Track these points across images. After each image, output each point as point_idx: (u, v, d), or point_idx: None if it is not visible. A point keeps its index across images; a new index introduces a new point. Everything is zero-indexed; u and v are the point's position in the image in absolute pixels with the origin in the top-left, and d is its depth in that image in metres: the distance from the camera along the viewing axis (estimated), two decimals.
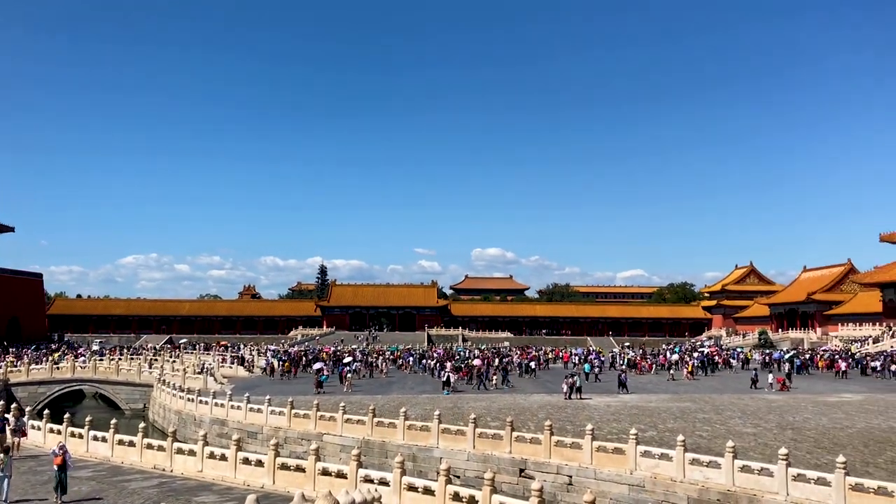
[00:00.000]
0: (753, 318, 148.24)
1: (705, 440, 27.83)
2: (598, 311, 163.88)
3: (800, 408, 38.34)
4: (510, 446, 26.07)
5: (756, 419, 33.88)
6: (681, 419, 33.89)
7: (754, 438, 28.42)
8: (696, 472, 21.52)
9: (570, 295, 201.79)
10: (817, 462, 23.31)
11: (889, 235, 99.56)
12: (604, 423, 32.21)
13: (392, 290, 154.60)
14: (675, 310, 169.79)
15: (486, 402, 40.84)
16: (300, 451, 30.64)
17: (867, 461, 23.82)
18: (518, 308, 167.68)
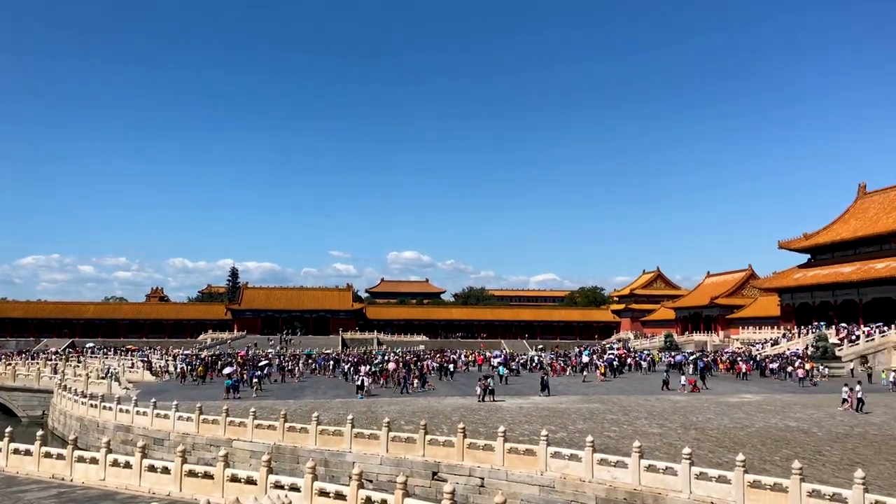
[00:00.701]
0: (660, 322, 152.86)
1: (613, 440, 28.49)
2: (512, 315, 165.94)
3: (703, 408, 39.72)
4: (423, 449, 26.08)
5: (662, 420, 34.91)
6: (590, 420, 34.61)
7: (660, 438, 29.26)
8: (605, 472, 21.99)
9: (486, 298, 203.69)
10: (719, 460, 24.16)
11: (787, 242, 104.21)
12: (516, 425, 32.60)
13: (306, 293, 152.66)
14: (586, 313, 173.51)
15: (400, 405, 40.77)
16: (209, 457, 29.91)
17: (765, 459, 24.83)
18: (434, 311, 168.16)
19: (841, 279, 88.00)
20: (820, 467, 23.32)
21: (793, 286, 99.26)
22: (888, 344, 74.50)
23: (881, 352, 74.03)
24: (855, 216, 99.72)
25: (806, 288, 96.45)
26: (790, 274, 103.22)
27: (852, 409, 38.65)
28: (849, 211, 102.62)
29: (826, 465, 23.82)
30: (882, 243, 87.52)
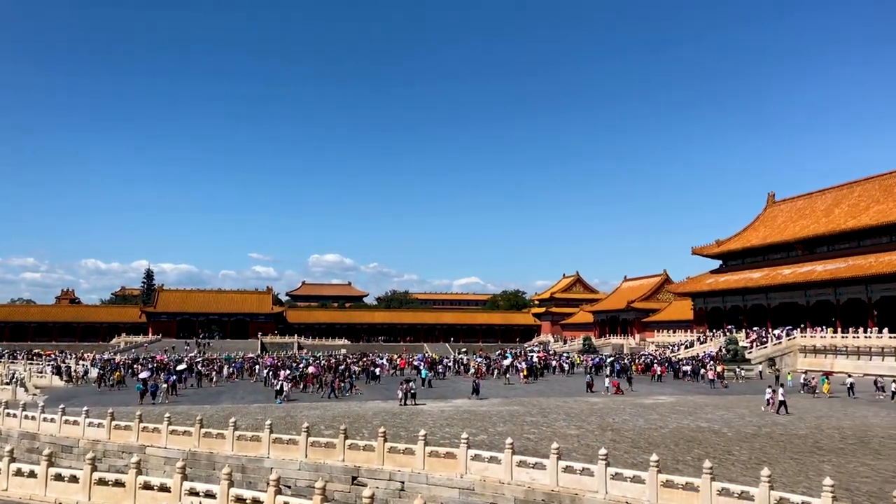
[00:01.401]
0: (579, 325, 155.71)
1: (533, 442, 28.83)
2: (434, 318, 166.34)
3: (619, 410, 40.61)
4: (343, 454, 25.86)
5: (580, 421, 35.54)
6: (511, 422, 34.95)
7: (578, 440, 29.77)
8: (523, 474, 22.23)
9: (409, 302, 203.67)
10: (634, 461, 24.72)
11: (700, 249, 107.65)
12: (437, 429, 32.67)
13: (224, 295, 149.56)
14: (508, 316, 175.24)
15: (320, 410, 40.36)
16: (121, 464, 28.93)
17: (678, 459, 25.54)
18: (356, 315, 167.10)
19: (751, 284, 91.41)
20: (730, 466, 24.11)
21: (705, 291, 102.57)
22: (794, 347, 77.82)
23: (788, 354, 77.28)
24: (764, 224, 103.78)
25: (718, 293, 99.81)
26: (703, 279, 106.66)
27: (774, 409, 40.00)
28: (759, 219, 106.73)
29: (735, 463, 24.65)
30: (789, 250, 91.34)
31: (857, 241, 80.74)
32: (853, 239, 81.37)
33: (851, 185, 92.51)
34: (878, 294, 73.88)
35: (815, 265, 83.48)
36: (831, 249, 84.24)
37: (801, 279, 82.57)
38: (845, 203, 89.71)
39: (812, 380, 52.87)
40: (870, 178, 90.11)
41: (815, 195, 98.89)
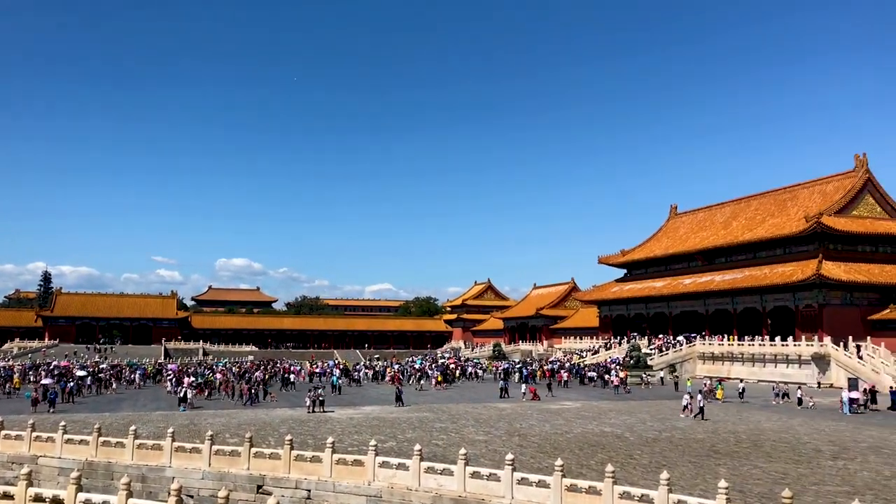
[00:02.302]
0: (490, 331, 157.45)
1: (441, 449, 28.94)
2: (345, 324, 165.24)
3: (527, 415, 41.22)
4: (248, 462, 25.35)
5: (488, 427, 35.90)
6: (420, 429, 35.00)
7: (486, 445, 30.06)
8: (431, 480, 22.28)
9: (319, 308, 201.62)
10: (539, 466, 25.12)
11: (606, 258, 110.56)
12: (346, 436, 32.43)
13: (126, 300, 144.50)
14: (420, 323, 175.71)
15: (225, 417, 39.47)
16: (10, 476, 27.55)
17: (582, 463, 26.10)
18: (264, 321, 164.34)
19: (653, 293, 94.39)
20: (631, 470, 24.80)
21: (610, 299, 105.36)
22: (693, 354, 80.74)
23: (687, 361, 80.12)
24: (667, 235, 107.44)
25: (622, 301, 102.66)
26: (608, 287, 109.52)
27: (691, 415, 41.24)
28: (662, 230, 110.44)
29: (637, 467, 25.37)
30: (689, 261, 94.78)
31: (754, 253, 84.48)
32: (750, 251, 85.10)
33: (749, 199, 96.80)
34: (771, 304, 77.44)
35: (714, 275, 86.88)
36: (729, 260, 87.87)
37: (700, 289, 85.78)
38: (743, 216, 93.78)
39: (705, 385, 54.90)
40: (765, 193, 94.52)
41: (715, 208, 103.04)
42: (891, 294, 72.42)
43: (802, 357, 67.90)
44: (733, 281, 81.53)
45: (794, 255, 77.71)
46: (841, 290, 71.96)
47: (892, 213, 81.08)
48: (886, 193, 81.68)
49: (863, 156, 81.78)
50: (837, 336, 67.46)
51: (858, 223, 77.11)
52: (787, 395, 51.87)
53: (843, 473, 24.51)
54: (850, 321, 70.98)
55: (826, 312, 71.42)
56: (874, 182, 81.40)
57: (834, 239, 75.65)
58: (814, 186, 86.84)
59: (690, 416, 41.05)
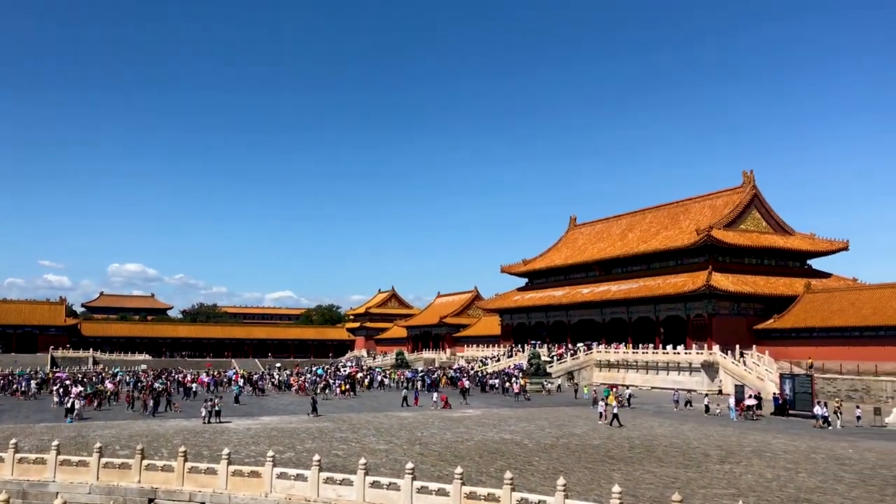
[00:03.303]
0: (393, 340, 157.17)
1: (341, 459, 28.63)
2: (244, 333, 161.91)
3: (428, 424, 41.28)
4: (139, 475, 24.40)
5: (389, 436, 35.76)
6: (319, 439, 34.54)
7: (386, 454, 29.92)
8: (330, 491, 22.01)
9: (217, 315, 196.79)
10: (440, 474, 25.17)
11: (508, 267, 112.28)
12: (242, 447, 31.67)
13: (9, 306, 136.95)
14: (321, 331, 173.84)
15: (115, 429, 37.90)
16: None
17: (482, 471, 26.30)
18: (158, 328, 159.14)
19: (553, 302, 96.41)
20: (529, 476, 25.15)
21: (512, 307, 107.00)
22: (591, 361, 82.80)
23: (585, 368, 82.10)
24: (567, 245, 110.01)
25: (523, 309, 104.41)
26: (510, 296, 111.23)
27: (607, 422, 42.03)
28: (562, 240, 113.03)
29: (535, 474, 25.76)
30: (588, 271, 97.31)
31: (648, 264, 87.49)
32: (645, 262, 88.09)
33: (644, 212, 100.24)
34: (664, 313, 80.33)
35: (611, 285, 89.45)
36: (625, 271, 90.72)
37: (598, 298, 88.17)
38: (638, 228, 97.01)
39: (594, 391, 56.41)
40: (659, 207, 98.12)
41: (612, 220, 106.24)
42: (774, 304, 76.32)
43: (693, 364, 70.65)
44: (629, 291, 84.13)
45: (686, 267, 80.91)
46: (729, 301, 75.36)
47: (777, 228, 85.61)
48: (771, 208, 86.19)
49: (750, 172, 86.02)
50: (725, 344, 70.62)
51: (746, 237, 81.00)
52: (691, 403, 53.40)
53: (729, 477, 25.57)
54: (737, 330, 74.40)
55: (715, 322, 74.61)
56: (760, 198, 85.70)
57: (723, 251, 79.20)
58: (705, 201, 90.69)
59: (604, 423, 41.96)
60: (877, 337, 63.89)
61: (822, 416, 42.32)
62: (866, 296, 70.47)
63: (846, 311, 68.96)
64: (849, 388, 58.43)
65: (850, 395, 57.26)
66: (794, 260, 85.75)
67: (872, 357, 62.09)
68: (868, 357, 62.39)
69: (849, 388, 58.43)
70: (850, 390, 58.04)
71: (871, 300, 68.66)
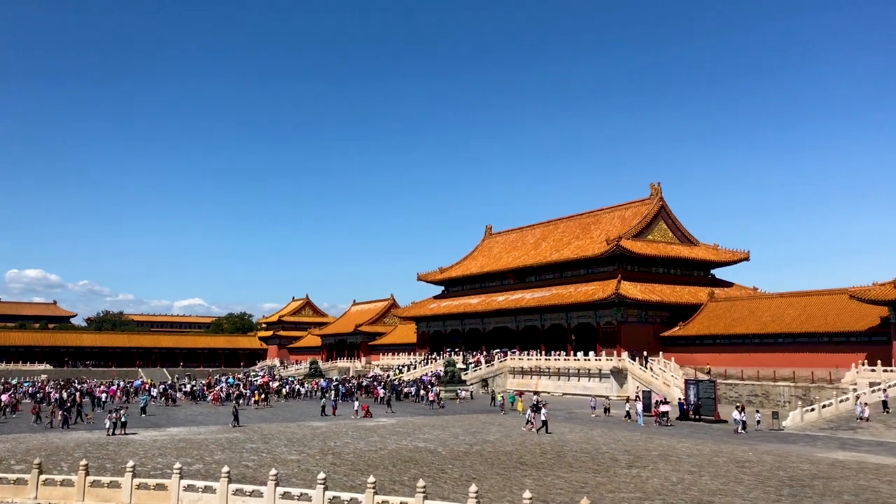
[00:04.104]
0: (307, 349, 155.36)
1: (251, 470, 28.11)
2: (151, 341, 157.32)
3: (341, 433, 40.95)
4: (36, 491, 23.35)
5: (301, 446, 35.30)
6: (229, 450, 33.82)
7: (298, 465, 29.53)
8: (240, 502, 21.56)
9: (124, 324, 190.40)
10: (352, 483, 25.01)
11: (425, 275, 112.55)
12: (148, 459, 30.72)
13: None
14: (233, 340, 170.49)
15: (10, 443, 36.17)
16: None
17: (395, 479, 26.25)
18: (61, 337, 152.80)
19: (469, 310, 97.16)
20: (443, 484, 25.26)
21: (428, 315, 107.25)
22: (504, 369, 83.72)
23: (499, 376, 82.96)
24: (483, 254, 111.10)
25: (439, 317, 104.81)
26: (426, 304, 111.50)
27: (535, 429, 42.33)
28: (478, 249, 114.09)
29: (448, 481, 25.88)
30: (503, 279, 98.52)
31: (561, 273, 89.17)
32: (557, 270, 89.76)
33: (556, 222, 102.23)
34: (576, 321, 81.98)
35: (525, 293, 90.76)
36: (539, 279, 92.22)
37: (512, 306, 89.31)
38: (552, 237, 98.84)
39: (501, 398, 57.11)
40: (572, 217, 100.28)
41: (527, 229, 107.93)
42: (680, 312, 78.91)
43: (603, 371, 72.32)
44: (542, 299, 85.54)
45: (597, 276, 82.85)
46: (637, 309, 77.53)
47: (683, 239, 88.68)
48: (677, 220, 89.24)
49: (658, 185, 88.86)
50: (634, 351, 72.64)
51: (653, 247, 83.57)
52: (609, 410, 54.30)
53: (636, 481, 26.29)
54: (645, 337, 76.59)
55: (624, 329, 76.59)
56: (667, 209, 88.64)
57: (632, 261, 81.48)
58: (614, 212, 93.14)
59: (534, 431, 42.35)
60: (775, 344, 66.80)
61: (741, 421, 43.80)
62: (765, 304, 73.66)
63: (747, 319, 71.90)
64: (749, 393, 60.89)
65: (750, 399, 59.68)
66: (699, 269, 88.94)
67: (771, 363, 64.87)
68: (767, 363, 65.15)
69: (749, 393, 60.89)
70: (751, 395, 60.50)
71: (769, 308, 71.79)
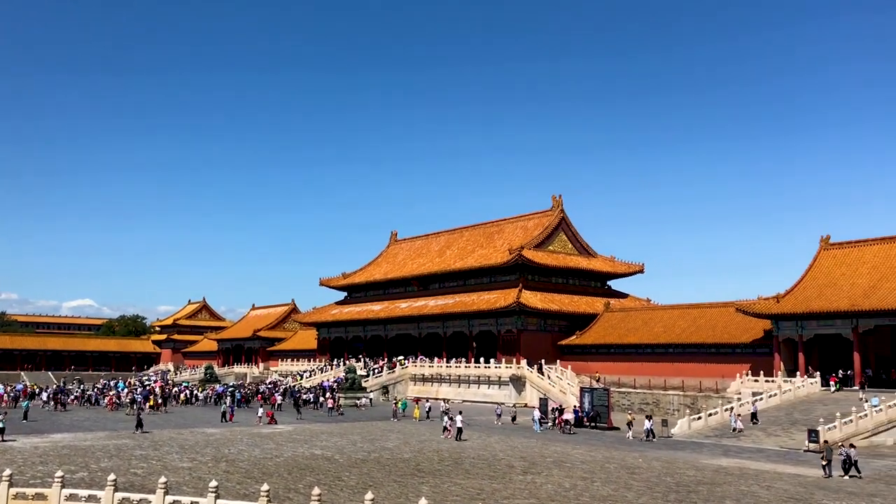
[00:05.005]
0: (203, 353, 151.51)
1: (140, 478, 27.14)
2: (36, 343, 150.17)
3: (236, 440, 40.02)
4: None
5: (194, 453, 34.32)
6: (117, 457, 32.55)
7: (190, 472, 28.69)
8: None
9: (6, 325, 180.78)
10: (246, 492, 24.48)
11: (327, 280, 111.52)
12: (28, 467, 29.20)
13: None
14: (125, 343, 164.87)
15: None
16: None
17: (290, 487, 25.84)
18: None
19: (371, 316, 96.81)
20: (339, 492, 25.04)
21: (329, 321, 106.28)
22: (406, 375, 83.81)
23: (400, 382, 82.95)
24: (387, 260, 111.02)
25: (341, 323, 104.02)
26: (328, 310, 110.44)
27: (452, 437, 42.19)
28: (382, 255, 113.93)
29: (344, 489, 25.67)
30: (406, 286, 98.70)
31: (464, 281, 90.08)
32: (461, 278, 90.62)
33: (461, 230, 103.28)
34: (477, 328, 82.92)
35: (428, 300, 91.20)
36: (443, 287, 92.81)
37: (415, 313, 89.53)
38: (456, 245, 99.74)
39: (394, 405, 57.22)
40: (476, 225, 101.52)
41: (432, 237, 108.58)
42: (578, 322, 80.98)
43: (502, 378, 73.37)
44: (445, 306, 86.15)
45: (499, 284, 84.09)
46: (537, 318, 79.11)
47: (581, 250, 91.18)
48: (577, 232, 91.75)
49: (559, 197, 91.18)
50: (533, 359, 73.99)
51: (553, 257, 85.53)
52: (515, 418, 54.78)
53: (530, 487, 26.75)
54: (544, 345, 78.20)
55: (524, 337, 77.96)
56: (567, 221, 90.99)
57: (533, 270, 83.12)
58: (517, 222, 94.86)
59: (450, 437, 42.34)
60: (666, 354, 69.40)
61: (648, 429, 45.03)
62: (658, 315, 76.43)
63: (640, 330, 74.40)
64: (641, 401, 62.94)
65: (641, 407, 61.65)
66: (596, 280, 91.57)
67: (662, 373, 67.33)
68: (659, 372, 67.59)
69: (641, 401, 62.94)
70: (643, 403, 62.54)
71: (661, 320, 74.53)
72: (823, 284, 61.18)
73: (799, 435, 42.63)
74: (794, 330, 59.41)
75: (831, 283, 60.87)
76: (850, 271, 61.20)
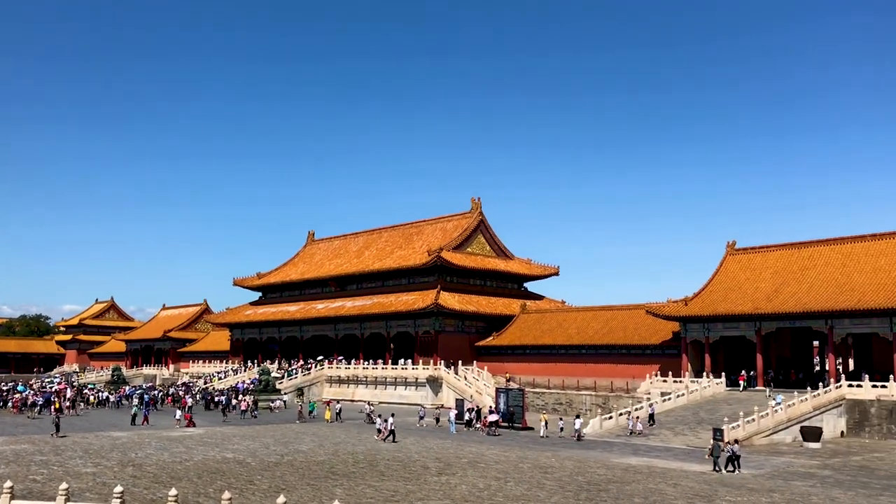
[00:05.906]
0: (110, 354, 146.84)
1: (40, 484, 26.00)
2: None
3: (144, 444, 38.80)
4: None
5: (98, 458, 33.11)
6: (14, 463, 31.10)
7: (94, 478, 27.66)
8: None
9: None
10: (153, 497, 23.76)
11: (241, 280, 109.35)
12: None
13: None
14: (26, 344, 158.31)
15: None
16: None
17: (199, 492, 25.20)
18: None
19: (287, 317, 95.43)
20: (250, 496, 24.54)
21: (243, 322, 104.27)
22: (321, 377, 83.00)
23: (315, 384, 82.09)
24: (304, 260, 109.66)
25: (255, 324, 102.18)
26: (242, 310, 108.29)
27: (384, 439, 41.78)
28: (299, 255, 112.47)
29: (256, 493, 25.17)
30: (324, 286, 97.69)
31: (383, 282, 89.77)
32: (379, 279, 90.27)
33: (380, 231, 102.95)
34: (395, 329, 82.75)
35: (346, 301, 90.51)
36: (361, 288, 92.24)
37: (332, 314, 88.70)
38: (374, 246, 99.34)
39: (300, 407, 56.75)
40: (396, 226, 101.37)
41: (350, 237, 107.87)
42: (495, 323, 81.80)
43: (419, 380, 73.44)
44: (362, 307, 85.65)
45: (418, 285, 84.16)
46: (455, 319, 79.52)
47: (499, 252, 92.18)
48: (495, 234, 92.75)
49: (478, 199, 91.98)
50: (450, 360, 74.33)
51: (472, 259, 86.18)
52: (439, 419, 54.78)
53: (445, 488, 26.82)
54: (461, 347, 78.68)
55: (441, 338, 78.22)
56: (486, 223, 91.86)
57: (451, 272, 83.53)
58: (437, 224, 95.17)
59: (381, 438, 42.00)
60: (580, 355, 70.79)
61: (576, 430, 45.72)
62: (572, 317, 77.93)
63: (555, 331, 75.70)
64: (555, 401, 64.02)
65: (555, 407, 62.73)
66: (513, 282, 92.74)
67: (576, 373, 68.59)
68: (572, 373, 68.81)
69: (555, 401, 64.02)
70: (556, 403, 63.62)
71: (575, 321, 76.02)
72: (729, 288, 63.56)
73: (705, 434, 44.08)
74: (701, 332, 61.53)
75: (736, 286, 63.29)
76: (754, 276, 63.78)
